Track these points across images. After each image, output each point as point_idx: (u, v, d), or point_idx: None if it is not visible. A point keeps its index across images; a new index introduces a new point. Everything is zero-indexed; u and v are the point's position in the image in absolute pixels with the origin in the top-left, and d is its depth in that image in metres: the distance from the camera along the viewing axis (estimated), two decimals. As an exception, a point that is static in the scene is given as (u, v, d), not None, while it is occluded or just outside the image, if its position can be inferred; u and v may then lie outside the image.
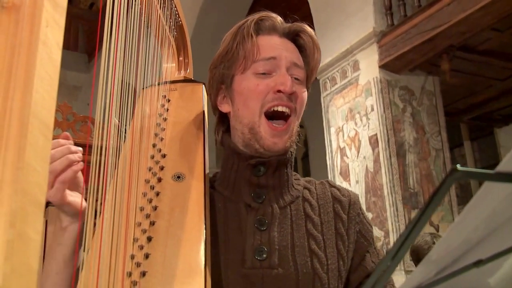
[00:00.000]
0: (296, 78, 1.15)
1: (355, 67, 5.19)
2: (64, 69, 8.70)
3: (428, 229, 4.44)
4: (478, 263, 0.47)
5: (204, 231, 1.01)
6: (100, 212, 0.95)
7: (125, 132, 1.12)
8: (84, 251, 0.92)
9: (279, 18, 1.21)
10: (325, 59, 5.48)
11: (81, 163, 1.06)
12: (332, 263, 1.10)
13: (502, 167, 0.40)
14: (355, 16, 5.21)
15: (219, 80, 1.20)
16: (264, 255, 1.06)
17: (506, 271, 0.51)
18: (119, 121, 1.06)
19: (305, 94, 1.17)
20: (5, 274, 0.45)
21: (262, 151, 1.14)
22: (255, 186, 1.14)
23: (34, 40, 0.52)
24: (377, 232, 4.67)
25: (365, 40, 5.05)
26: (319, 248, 1.10)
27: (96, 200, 0.92)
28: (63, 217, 1.06)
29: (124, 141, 1.15)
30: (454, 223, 0.45)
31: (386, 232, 4.60)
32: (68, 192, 1.04)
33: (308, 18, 6.75)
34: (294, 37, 1.20)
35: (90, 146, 1.06)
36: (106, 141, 0.95)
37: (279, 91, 1.11)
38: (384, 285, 1.11)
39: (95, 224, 0.94)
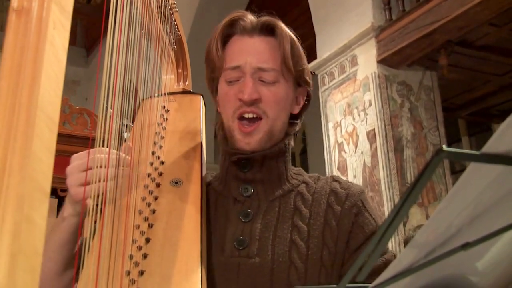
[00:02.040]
0: (263, 81, 1.16)
1: (353, 62, 5.19)
2: (62, 63, 8.63)
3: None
4: (466, 246, 0.47)
5: (200, 233, 1.06)
6: (100, 217, 1.01)
7: (123, 126, 1.14)
8: (84, 236, 0.97)
9: (249, 16, 1.23)
10: (323, 54, 5.48)
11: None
12: (314, 253, 1.09)
13: (488, 148, 0.40)
14: (353, 11, 5.21)
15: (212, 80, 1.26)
16: (244, 245, 1.10)
17: (493, 256, 0.52)
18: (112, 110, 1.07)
19: (278, 92, 1.17)
20: (12, 253, 0.49)
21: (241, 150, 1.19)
22: (242, 181, 1.19)
23: (42, 41, 0.56)
24: (374, 226, 4.67)
25: (363, 35, 5.05)
26: (301, 239, 1.11)
27: (97, 205, 0.99)
28: (67, 208, 1.11)
29: (120, 134, 1.18)
30: (441, 205, 0.45)
31: (384, 226, 4.61)
32: None
33: (306, 13, 6.76)
34: (270, 31, 1.20)
35: (86, 138, 1.10)
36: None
37: (240, 99, 1.16)
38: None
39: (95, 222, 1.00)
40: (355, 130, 5.08)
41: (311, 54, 5.60)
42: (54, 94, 0.57)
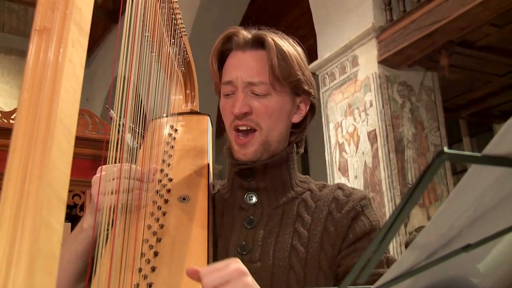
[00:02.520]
0: (255, 94, 1.20)
1: (354, 62, 5.18)
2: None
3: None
4: (467, 247, 0.47)
5: (207, 248, 1.09)
6: (112, 228, 1.05)
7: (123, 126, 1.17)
8: (97, 248, 1.00)
9: (242, 32, 1.26)
10: (324, 55, 5.48)
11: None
12: (312, 257, 1.13)
13: (488, 150, 0.40)
14: (354, 12, 5.20)
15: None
16: (247, 251, 1.14)
17: (494, 257, 0.52)
18: (117, 115, 1.10)
19: (269, 104, 1.20)
20: (32, 256, 0.51)
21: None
22: (247, 189, 1.23)
23: (61, 58, 0.61)
24: (375, 227, 4.66)
25: (364, 35, 5.04)
26: (301, 244, 1.14)
27: (109, 225, 1.03)
28: (88, 219, 1.16)
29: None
30: (442, 207, 0.45)
31: (385, 227, 4.59)
32: None
33: (307, 14, 6.76)
34: (261, 44, 1.23)
35: (87, 139, 1.14)
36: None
37: (232, 113, 1.21)
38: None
39: (107, 235, 1.04)
40: (356, 130, 5.08)
41: (312, 55, 5.60)
42: (72, 107, 0.61)
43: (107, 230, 1.02)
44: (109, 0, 9.54)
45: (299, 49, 1.27)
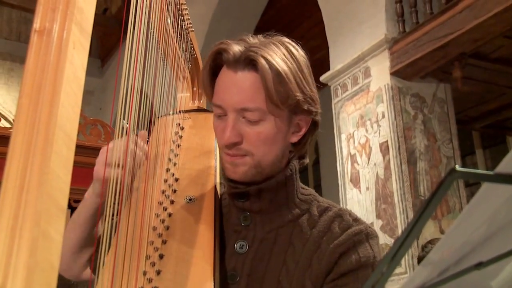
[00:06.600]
0: (247, 119, 1.11)
1: (367, 73, 5.18)
2: (77, 73, 8.70)
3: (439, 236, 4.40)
4: (479, 265, 0.46)
5: (213, 251, 1.07)
6: (116, 229, 1.04)
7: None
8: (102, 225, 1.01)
9: (234, 48, 1.11)
10: (336, 66, 5.48)
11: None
12: None
13: (501, 168, 0.39)
14: (367, 23, 5.21)
15: None
16: (235, 281, 1.09)
17: (508, 274, 0.51)
18: (128, 124, 1.09)
19: (263, 131, 1.11)
20: (29, 268, 0.50)
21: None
22: (241, 210, 1.17)
23: (62, 60, 0.59)
24: (387, 239, 4.64)
25: (376, 47, 5.05)
26: (287, 280, 1.08)
27: (112, 218, 1.02)
28: (89, 189, 1.20)
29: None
30: (455, 224, 0.44)
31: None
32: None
33: (319, 25, 6.77)
34: (255, 65, 1.10)
35: (99, 149, 1.16)
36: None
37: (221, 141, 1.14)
38: None
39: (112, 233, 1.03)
40: (368, 142, 5.06)
41: (324, 66, 5.60)
42: (72, 112, 0.59)
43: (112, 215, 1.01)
44: (123, 11, 9.62)
45: (300, 58, 1.14)
